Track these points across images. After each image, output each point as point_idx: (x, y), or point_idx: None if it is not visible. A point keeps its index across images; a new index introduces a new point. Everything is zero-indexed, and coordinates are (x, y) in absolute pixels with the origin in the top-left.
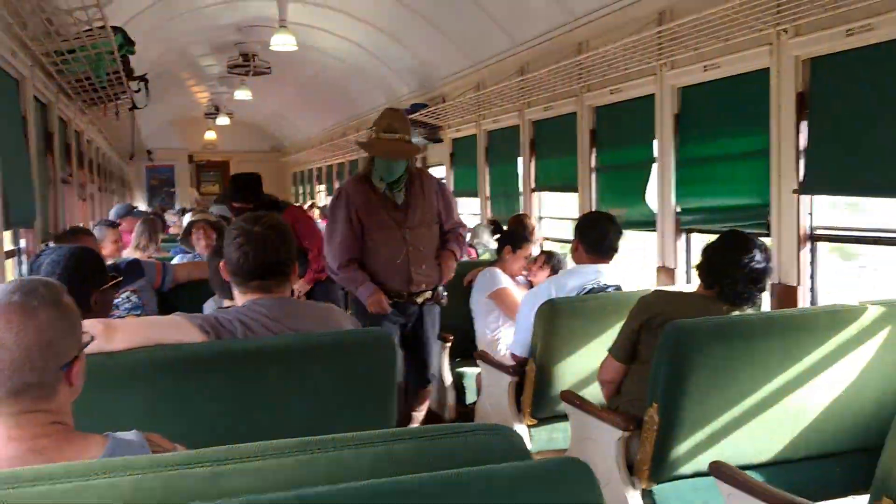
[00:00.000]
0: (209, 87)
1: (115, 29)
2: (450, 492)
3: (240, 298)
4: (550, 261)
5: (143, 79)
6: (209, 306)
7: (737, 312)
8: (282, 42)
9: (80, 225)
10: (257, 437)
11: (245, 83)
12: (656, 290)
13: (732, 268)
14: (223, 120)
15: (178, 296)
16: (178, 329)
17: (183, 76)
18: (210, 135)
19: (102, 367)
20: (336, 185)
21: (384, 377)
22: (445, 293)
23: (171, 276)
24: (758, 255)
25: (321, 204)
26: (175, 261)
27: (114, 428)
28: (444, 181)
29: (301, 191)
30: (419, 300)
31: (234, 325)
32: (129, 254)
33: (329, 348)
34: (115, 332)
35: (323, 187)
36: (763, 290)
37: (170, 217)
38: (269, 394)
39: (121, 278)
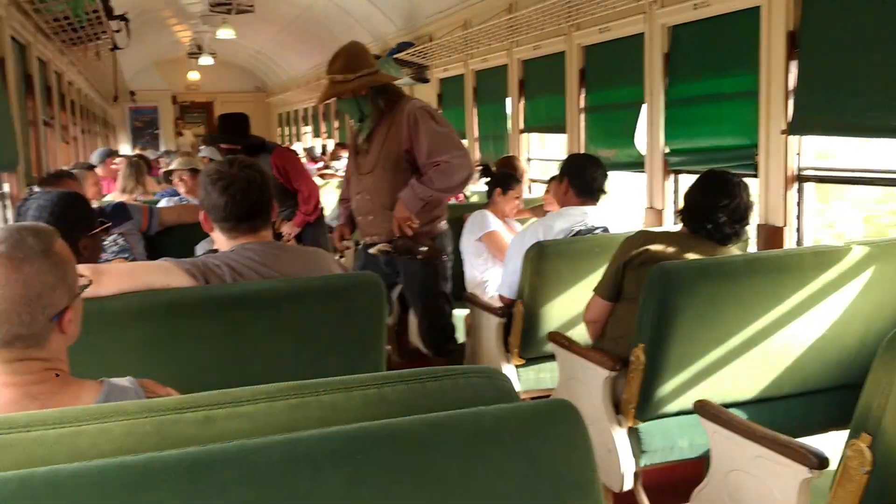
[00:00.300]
0: (191, 26)
1: None
2: (439, 433)
3: (226, 244)
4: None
5: (123, 18)
6: (202, 247)
7: (723, 250)
8: None
9: (64, 168)
10: (248, 382)
11: (227, 22)
12: (640, 230)
13: (716, 210)
14: (206, 60)
15: (166, 239)
16: (166, 274)
17: (164, 15)
18: (193, 75)
19: (90, 312)
20: (323, 126)
21: (373, 320)
22: (420, 248)
23: (159, 220)
24: (739, 194)
25: (309, 145)
26: (162, 204)
27: (102, 374)
28: (424, 109)
29: (287, 132)
30: (371, 251)
31: (222, 269)
32: (115, 197)
33: (318, 292)
34: (102, 277)
35: (309, 128)
36: (747, 224)
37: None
38: (259, 338)
39: (109, 224)
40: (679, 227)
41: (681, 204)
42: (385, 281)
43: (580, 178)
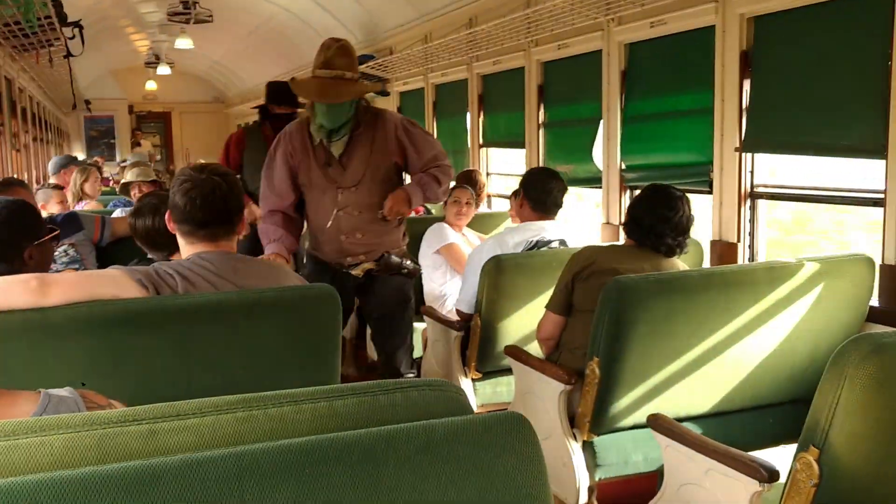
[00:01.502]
0: (149, 35)
1: None
2: (390, 446)
3: (185, 249)
4: None
5: (77, 25)
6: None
7: (668, 262)
8: None
9: (14, 176)
10: (199, 395)
11: (186, 31)
12: (587, 245)
13: (661, 224)
14: (164, 69)
15: (118, 250)
16: (115, 283)
17: (122, 23)
18: (151, 85)
19: (37, 322)
20: None
21: (328, 333)
22: (406, 262)
23: (111, 230)
24: (682, 207)
25: None
26: (116, 214)
27: (49, 385)
28: (409, 120)
29: None
30: (355, 272)
31: (174, 279)
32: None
33: (271, 304)
34: (50, 287)
35: None
36: (689, 236)
37: (109, 170)
38: (211, 351)
39: (58, 231)
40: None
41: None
42: (346, 298)
43: (537, 193)
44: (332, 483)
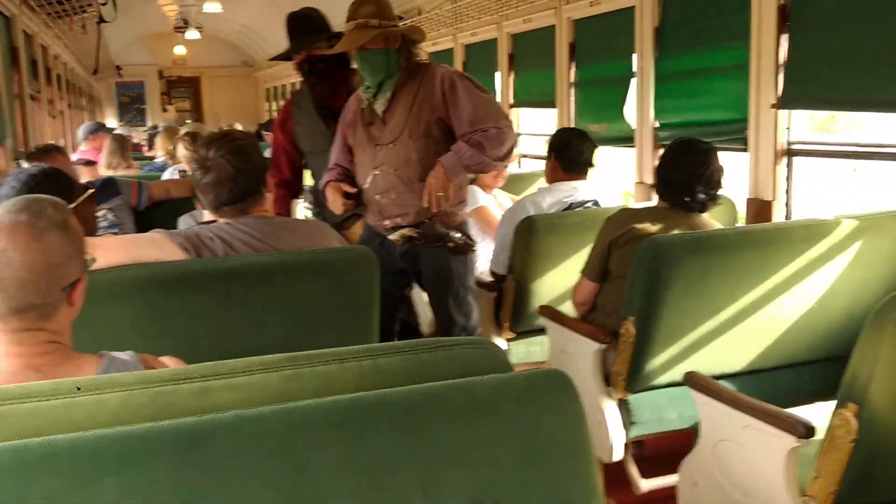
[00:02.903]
0: None
1: None
2: (435, 402)
3: (220, 219)
4: None
5: None
6: (184, 221)
7: (702, 219)
8: None
9: (52, 142)
10: (241, 355)
11: None
12: (621, 208)
13: (691, 179)
14: (193, 34)
15: (155, 214)
16: (157, 246)
17: None
18: (180, 49)
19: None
20: None
21: (367, 294)
22: (454, 234)
23: (147, 194)
24: (711, 161)
25: None
26: (165, 176)
27: (94, 347)
28: (463, 74)
29: (275, 107)
30: (393, 237)
31: (215, 242)
32: (101, 173)
33: (310, 266)
34: (95, 250)
35: None
36: (721, 188)
37: (138, 135)
38: (252, 312)
39: (93, 190)
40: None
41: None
42: (398, 279)
43: (567, 153)
44: (380, 438)
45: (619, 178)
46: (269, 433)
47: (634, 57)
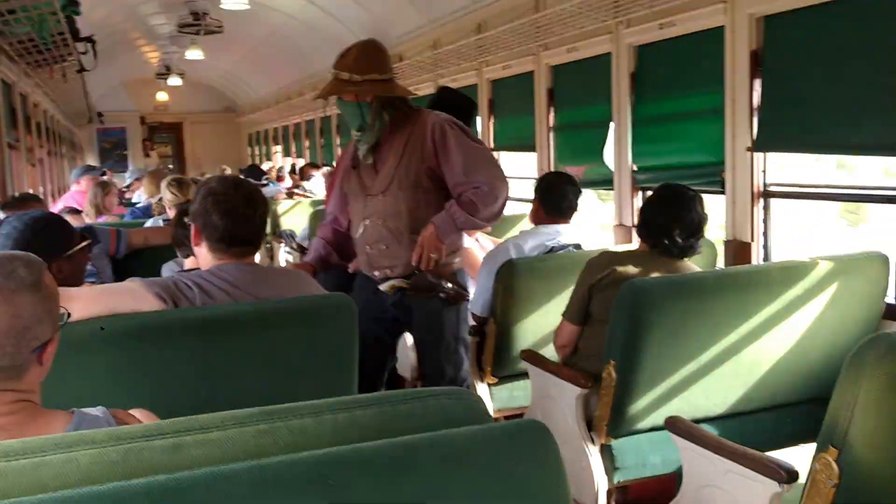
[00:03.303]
0: (160, 46)
1: None
2: (412, 456)
3: (208, 261)
4: None
5: (90, 40)
6: (168, 268)
7: (682, 264)
8: (233, 1)
9: (30, 191)
10: (218, 406)
11: (196, 42)
12: (602, 251)
13: (674, 224)
14: (175, 80)
15: (134, 262)
16: (133, 297)
17: (132, 36)
18: (162, 96)
19: (60, 337)
20: (293, 145)
21: (346, 341)
22: (445, 284)
23: (126, 242)
24: (694, 208)
25: (279, 165)
26: (149, 224)
27: (67, 402)
28: (453, 122)
29: (257, 151)
30: (383, 288)
31: (193, 291)
32: (86, 218)
33: (288, 314)
34: (71, 302)
35: (279, 148)
36: (702, 236)
37: (119, 182)
38: (230, 362)
39: (89, 241)
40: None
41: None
42: (390, 327)
43: (551, 197)
44: (355, 494)
45: (601, 221)
46: (242, 490)
47: (612, 102)
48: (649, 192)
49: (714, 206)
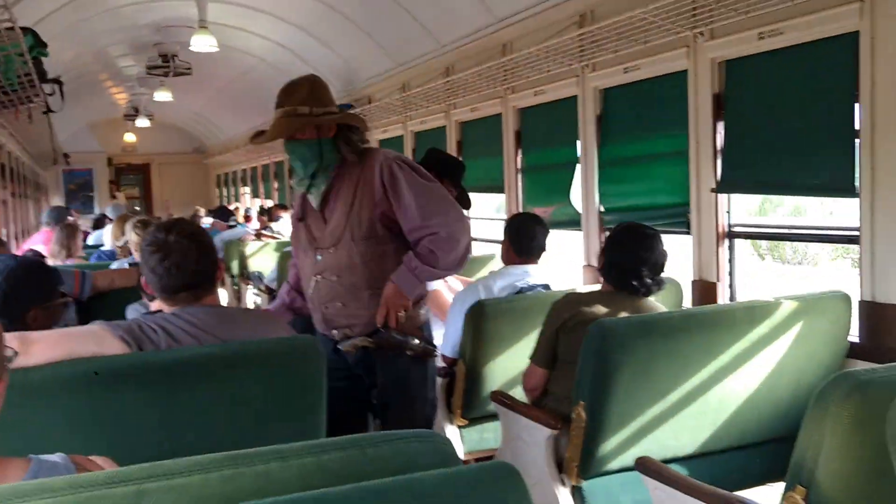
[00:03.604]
0: (128, 88)
1: (25, 30)
2: (378, 501)
3: (167, 309)
4: None
5: (57, 81)
6: (133, 310)
7: (647, 302)
8: (202, 43)
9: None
10: (184, 452)
11: (165, 84)
12: (567, 294)
13: (641, 265)
14: (143, 122)
15: (98, 304)
16: (96, 341)
17: (100, 77)
18: (129, 137)
19: (18, 382)
20: (262, 187)
21: (313, 386)
22: (412, 340)
23: (91, 285)
24: (657, 246)
25: (247, 206)
26: (114, 266)
27: (26, 448)
28: (402, 160)
29: (225, 193)
30: (343, 347)
31: (157, 334)
32: (49, 262)
33: (253, 357)
34: (31, 346)
35: (248, 189)
36: (663, 271)
37: (84, 223)
38: (195, 406)
39: (70, 299)
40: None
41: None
42: (359, 380)
43: (519, 238)
44: None
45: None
46: None
47: (578, 143)
48: None
49: (680, 247)
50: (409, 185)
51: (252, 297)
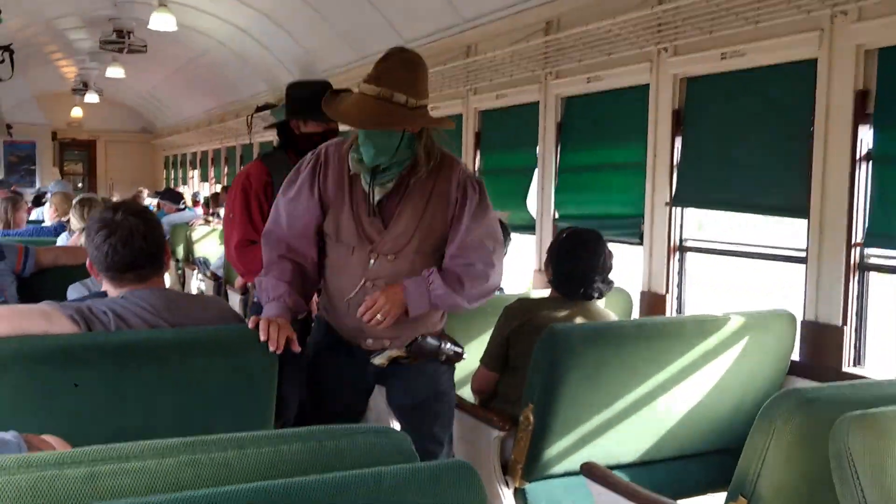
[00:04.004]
0: (78, 62)
1: None
2: (336, 494)
3: (113, 291)
4: None
5: (7, 49)
6: (75, 290)
7: (595, 306)
8: (161, 21)
9: None
10: (131, 435)
11: (118, 60)
12: (519, 299)
13: (591, 272)
14: (92, 97)
15: (40, 281)
16: (46, 319)
17: (49, 49)
18: (77, 112)
19: None
20: (212, 171)
21: (266, 374)
22: (445, 345)
23: (34, 261)
24: (605, 249)
25: (195, 190)
26: (60, 240)
27: None
28: (478, 182)
29: (173, 175)
30: (378, 361)
31: (108, 315)
32: None
33: (206, 343)
34: None
35: (196, 173)
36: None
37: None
38: (144, 391)
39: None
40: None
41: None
42: (365, 396)
43: None
44: None
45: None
46: None
47: (538, 149)
48: None
49: (632, 258)
50: (473, 211)
51: (197, 283)
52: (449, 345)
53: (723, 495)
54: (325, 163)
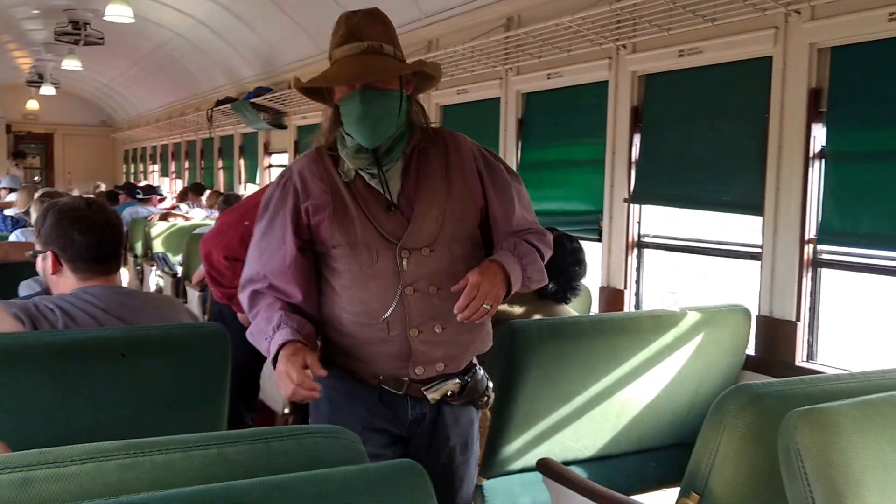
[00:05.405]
0: (33, 53)
1: None
2: (282, 496)
3: (71, 284)
4: None
5: None
6: (27, 286)
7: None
8: (117, 13)
9: None
10: (79, 438)
11: (74, 52)
12: None
13: (561, 277)
14: (48, 90)
15: None
16: None
17: (2, 39)
18: (32, 104)
19: None
20: (172, 165)
21: (217, 375)
22: (489, 384)
23: None
24: (584, 258)
25: (155, 184)
26: (13, 238)
27: None
28: (490, 151)
29: (133, 169)
30: (432, 395)
31: (55, 313)
32: None
33: (157, 342)
34: None
35: (157, 167)
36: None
37: None
38: (92, 390)
39: None
40: None
41: None
42: (399, 449)
43: None
44: None
45: None
46: None
47: (499, 146)
48: None
49: (591, 254)
50: (508, 181)
51: (155, 280)
52: (490, 384)
53: (677, 490)
54: (300, 181)
